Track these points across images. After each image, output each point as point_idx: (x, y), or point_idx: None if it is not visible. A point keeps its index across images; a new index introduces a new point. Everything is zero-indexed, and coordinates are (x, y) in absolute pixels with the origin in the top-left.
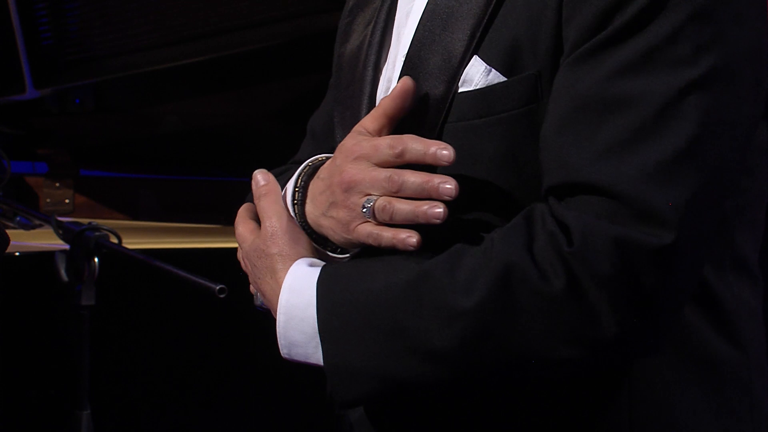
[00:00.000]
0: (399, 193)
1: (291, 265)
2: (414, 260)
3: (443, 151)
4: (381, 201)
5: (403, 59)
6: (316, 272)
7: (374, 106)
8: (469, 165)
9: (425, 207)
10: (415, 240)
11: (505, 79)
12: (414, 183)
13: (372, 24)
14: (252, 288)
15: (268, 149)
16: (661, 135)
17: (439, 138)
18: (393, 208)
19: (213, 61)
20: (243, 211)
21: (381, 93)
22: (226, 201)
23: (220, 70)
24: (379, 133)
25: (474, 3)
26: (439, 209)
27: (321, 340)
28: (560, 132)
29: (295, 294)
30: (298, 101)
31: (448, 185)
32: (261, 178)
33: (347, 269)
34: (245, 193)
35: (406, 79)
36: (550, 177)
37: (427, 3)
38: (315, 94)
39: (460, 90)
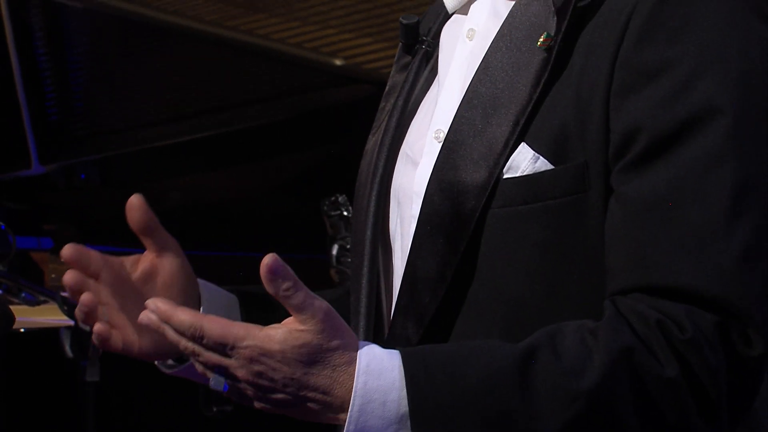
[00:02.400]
0: None
1: (353, 354)
2: (504, 345)
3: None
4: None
5: (439, 142)
6: (395, 354)
7: (384, 194)
8: (512, 251)
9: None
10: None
11: (553, 167)
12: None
13: (390, 112)
14: (210, 375)
15: (275, 224)
16: (735, 231)
17: (480, 224)
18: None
19: (218, 136)
20: (200, 319)
21: (400, 176)
22: (232, 276)
23: (226, 145)
24: (146, 240)
25: (519, 89)
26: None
27: (412, 426)
28: (632, 232)
29: (375, 376)
30: (305, 176)
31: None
32: (274, 262)
33: (433, 351)
34: (252, 269)
35: (136, 196)
36: (630, 277)
37: (468, 88)
38: (322, 168)
39: (506, 176)
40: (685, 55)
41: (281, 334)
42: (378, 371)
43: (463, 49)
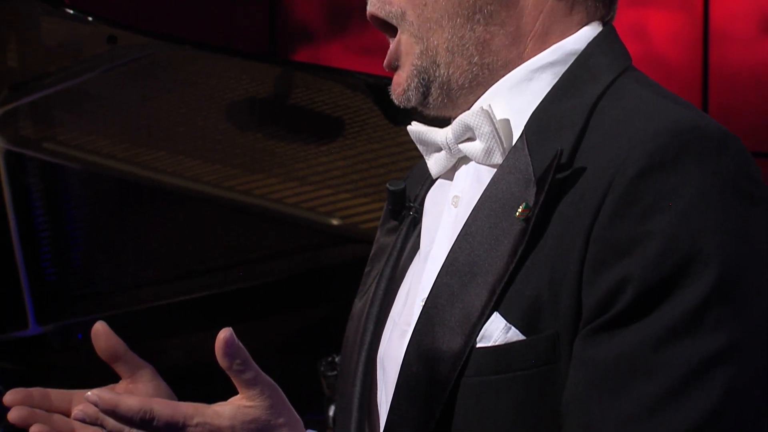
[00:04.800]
0: None
1: None
2: None
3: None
4: None
5: (421, 305)
6: None
7: (372, 362)
8: (484, 419)
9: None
10: None
11: (524, 337)
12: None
13: (377, 278)
14: None
15: (276, 383)
16: (684, 406)
17: (453, 393)
18: None
19: (217, 296)
20: (149, 402)
21: (386, 344)
22: None
23: (224, 305)
24: (116, 367)
25: (496, 259)
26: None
27: None
28: (584, 399)
29: None
30: (301, 335)
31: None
32: (230, 337)
33: None
34: None
35: (100, 323)
36: None
37: (448, 255)
38: (319, 328)
39: (478, 345)
40: (657, 231)
41: (230, 410)
42: None
43: (449, 215)
